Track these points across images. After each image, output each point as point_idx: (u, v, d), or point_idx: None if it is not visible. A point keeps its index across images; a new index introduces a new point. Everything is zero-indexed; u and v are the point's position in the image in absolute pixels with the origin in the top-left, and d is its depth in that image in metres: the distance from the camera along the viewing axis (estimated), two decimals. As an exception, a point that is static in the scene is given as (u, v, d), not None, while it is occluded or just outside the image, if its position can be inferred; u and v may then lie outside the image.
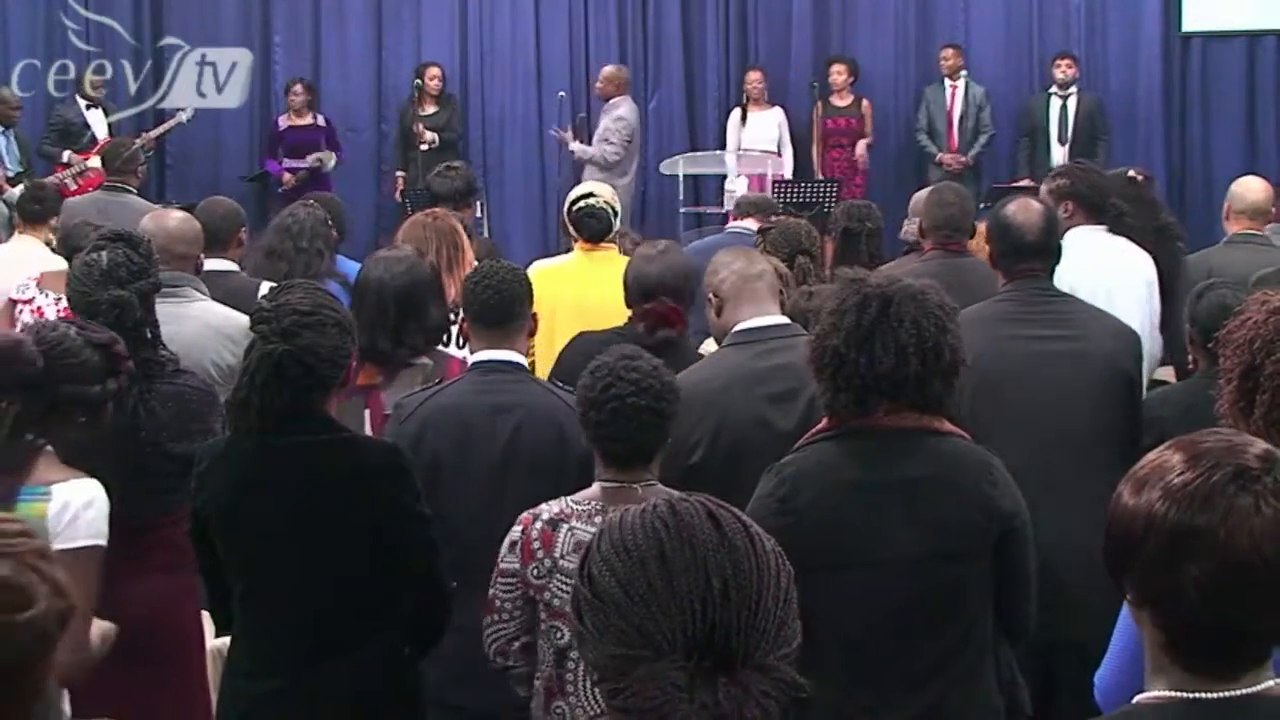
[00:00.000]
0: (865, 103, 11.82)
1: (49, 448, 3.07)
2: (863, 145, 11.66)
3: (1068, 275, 4.44)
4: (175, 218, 5.00)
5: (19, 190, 8.31)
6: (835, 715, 2.97)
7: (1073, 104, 11.47)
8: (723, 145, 11.73)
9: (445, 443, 3.74)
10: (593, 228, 5.65)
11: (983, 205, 10.06)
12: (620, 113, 10.97)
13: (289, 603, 3.17)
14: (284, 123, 11.74)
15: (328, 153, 11.58)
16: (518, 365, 3.88)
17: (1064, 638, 3.66)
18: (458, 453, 3.74)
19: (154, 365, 3.70)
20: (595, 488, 3.23)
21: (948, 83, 11.76)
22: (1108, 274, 4.31)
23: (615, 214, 5.76)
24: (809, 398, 3.62)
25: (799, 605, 1.67)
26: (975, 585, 3.05)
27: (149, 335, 3.73)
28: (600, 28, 12.63)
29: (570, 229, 5.87)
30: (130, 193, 7.87)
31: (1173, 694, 1.77)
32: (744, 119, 11.64)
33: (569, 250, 5.87)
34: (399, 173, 11.90)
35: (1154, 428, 4.03)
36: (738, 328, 3.90)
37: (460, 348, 4.54)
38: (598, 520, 3.16)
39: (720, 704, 1.54)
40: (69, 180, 10.14)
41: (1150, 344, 4.84)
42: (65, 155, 10.56)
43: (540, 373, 4.54)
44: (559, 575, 3.17)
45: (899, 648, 3.02)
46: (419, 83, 11.82)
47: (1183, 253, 6.08)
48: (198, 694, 3.70)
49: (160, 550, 3.60)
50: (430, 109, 11.82)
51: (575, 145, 11.04)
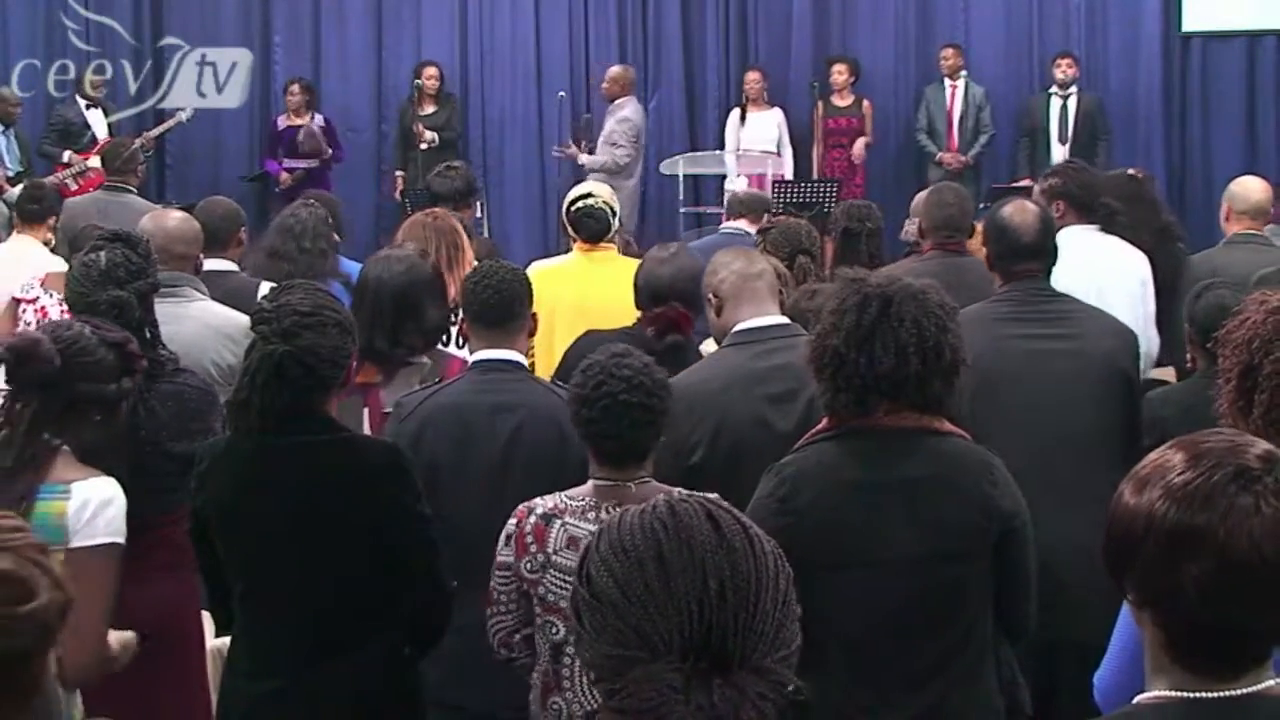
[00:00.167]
0: (866, 103, 11.81)
1: (65, 447, 3.08)
2: (861, 144, 11.64)
3: (1058, 275, 4.44)
4: (175, 218, 5.00)
5: (19, 190, 8.30)
6: (836, 715, 2.97)
7: (1073, 104, 11.45)
8: (722, 145, 11.72)
9: (445, 442, 3.74)
10: (591, 228, 5.64)
11: (982, 205, 10.05)
12: (625, 114, 10.94)
13: (289, 603, 3.17)
14: (283, 122, 11.74)
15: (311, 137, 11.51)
16: (518, 365, 3.88)
17: (1065, 637, 3.66)
18: (458, 452, 3.74)
19: (153, 365, 3.69)
20: (589, 485, 3.23)
21: (948, 83, 11.74)
22: (1098, 273, 4.32)
23: (614, 214, 5.76)
24: (809, 398, 3.61)
25: (801, 605, 1.66)
26: (975, 585, 3.05)
27: (148, 335, 3.72)
28: (600, 28, 12.62)
29: (569, 229, 5.87)
30: (130, 192, 7.87)
31: (1173, 694, 1.77)
32: (743, 119, 11.63)
33: (569, 250, 5.87)
34: (398, 172, 11.89)
35: (1155, 428, 4.03)
36: (737, 328, 3.90)
37: (460, 347, 4.53)
38: (591, 516, 3.16)
39: (715, 705, 1.54)
40: (69, 180, 10.14)
41: (1145, 343, 4.84)
42: (65, 155, 10.56)
43: (540, 373, 4.54)
44: (551, 570, 3.17)
45: (899, 648, 3.02)
46: (419, 83, 11.82)
47: (1184, 253, 6.09)
48: (198, 694, 3.70)
49: (160, 550, 3.60)
50: (429, 108, 11.81)
51: (584, 158, 10.90)
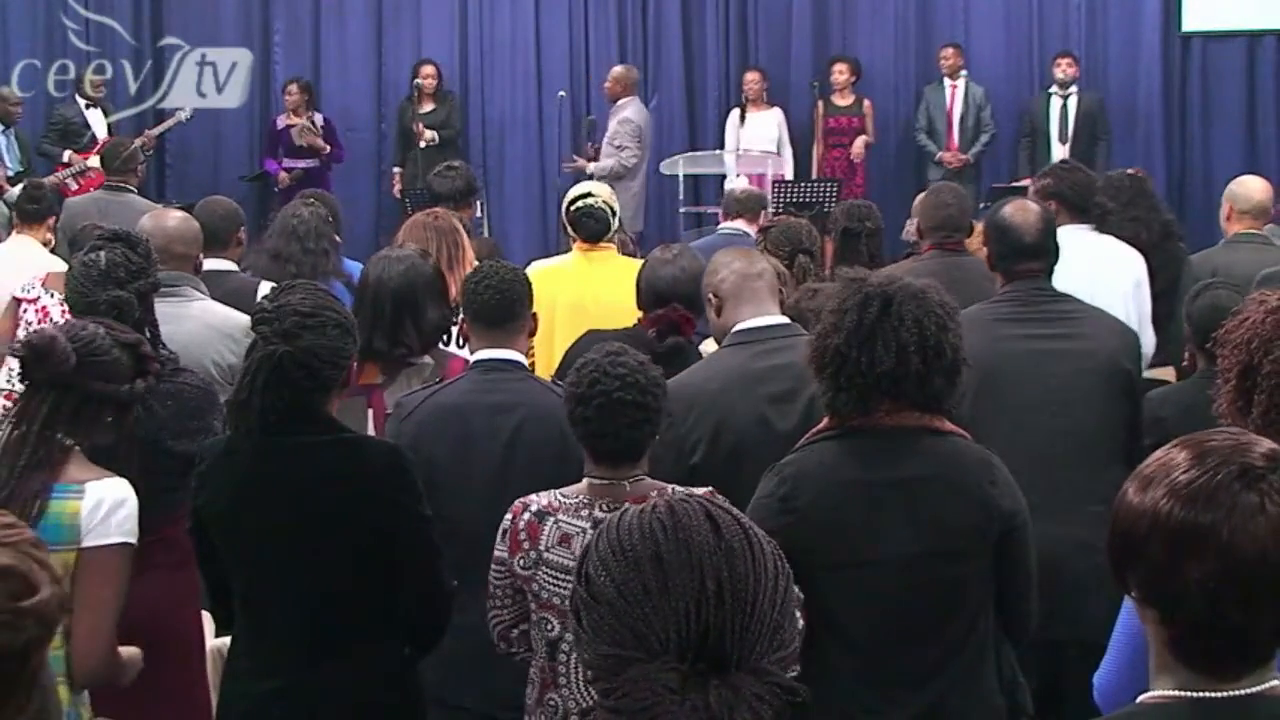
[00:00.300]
0: (867, 102, 11.81)
1: (78, 448, 3.08)
2: (860, 143, 11.63)
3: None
4: (174, 218, 4.99)
5: (18, 190, 8.30)
6: (837, 714, 2.97)
7: (1073, 103, 11.45)
8: (722, 145, 11.71)
9: (446, 441, 3.74)
10: (591, 228, 5.64)
11: (983, 205, 10.06)
12: (626, 114, 10.90)
13: (289, 603, 3.16)
14: (282, 122, 11.74)
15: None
16: (518, 364, 3.88)
17: (1069, 638, 3.66)
18: (458, 451, 3.73)
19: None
20: (583, 483, 3.23)
21: (947, 82, 11.74)
22: (1090, 273, 4.32)
23: (614, 214, 5.75)
24: (809, 398, 3.61)
25: (806, 601, 1.66)
26: (976, 584, 3.05)
27: (148, 335, 3.72)
28: (600, 28, 12.62)
29: (568, 229, 5.86)
30: (131, 192, 7.87)
31: (1177, 693, 1.77)
32: (743, 119, 11.63)
33: (570, 250, 5.86)
34: (395, 169, 11.91)
35: (1155, 428, 4.03)
36: (737, 328, 3.89)
37: (460, 347, 4.53)
38: (584, 514, 3.16)
39: (711, 706, 1.53)
40: (69, 180, 10.14)
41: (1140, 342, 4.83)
42: (65, 155, 10.56)
43: (539, 373, 4.54)
44: (544, 568, 3.17)
45: (900, 647, 3.02)
46: (418, 82, 11.82)
47: (1184, 252, 6.09)
48: (198, 694, 3.70)
49: (160, 550, 3.59)
50: (428, 107, 11.81)
51: (591, 166, 10.80)
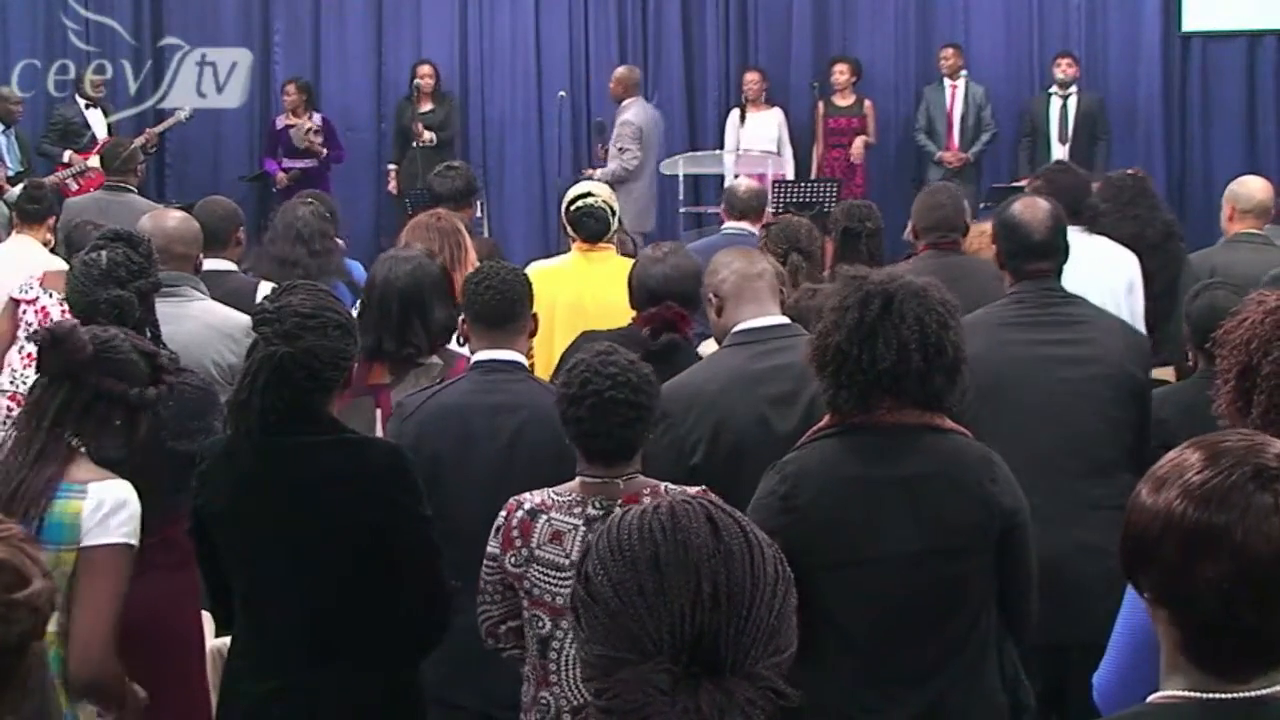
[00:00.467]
0: (867, 102, 11.81)
1: (84, 449, 3.08)
2: (859, 143, 11.61)
3: None
4: (174, 218, 5.00)
5: (18, 190, 8.30)
6: (838, 713, 2.97)
7: (1073, 104, 11.45)
8: (722, 145, 11.70)
9: (446, 441, 3.74)
10: (591, 228, 5.64)
11: (983, 205, 10.06)
12: (627, 116, 10.86)
13: (290, 603, 3.16)
14: (281, 122, 11.73)
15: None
16: (519, 365, 3.88)
17: (1074, 639, 3.65)
18: (459, 452, 3.73)
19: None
20: (576, 481, 3.23)
21: (947, 82, 11.73)
22: (1082, 274, 4.29)
23: (613, 214, 5.75)
24: (809, 398, 3.61)
25: (801, 602, 1.66)
26: (977, 582, 3.05)
27: (149, 335, 3.72)
28: (600, 28, 12.62)
29: (568, 229, 5.86)
30: (131, 192, 7.87)
31: (1186, 694, 1.76)
32: (743, 119, 11.62)
33: (570, 250, 5.86)
34: (390, 166, 11.92)
35: (1157, 429, 4.02)
36: (738, 328, 3.89)
37: (459, 347, 4.53)
38: (577, 511, 3.17)
39: (702, 709, 1.53)
40: (70, 180, 10.13)
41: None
42: (66, 155, 10.56)
43: (538, 373, 4.54)
44: (535, 565, 3.17)
45: (901, 645, 3.02)
46: (417, 82, 11.82)
47: (1185, 252, 6.09)
48: (198, 694, 3.70)
49: (160, 550, 3.59)
50: (426, 107, 11.80)
51: (598, 173, 10.69)
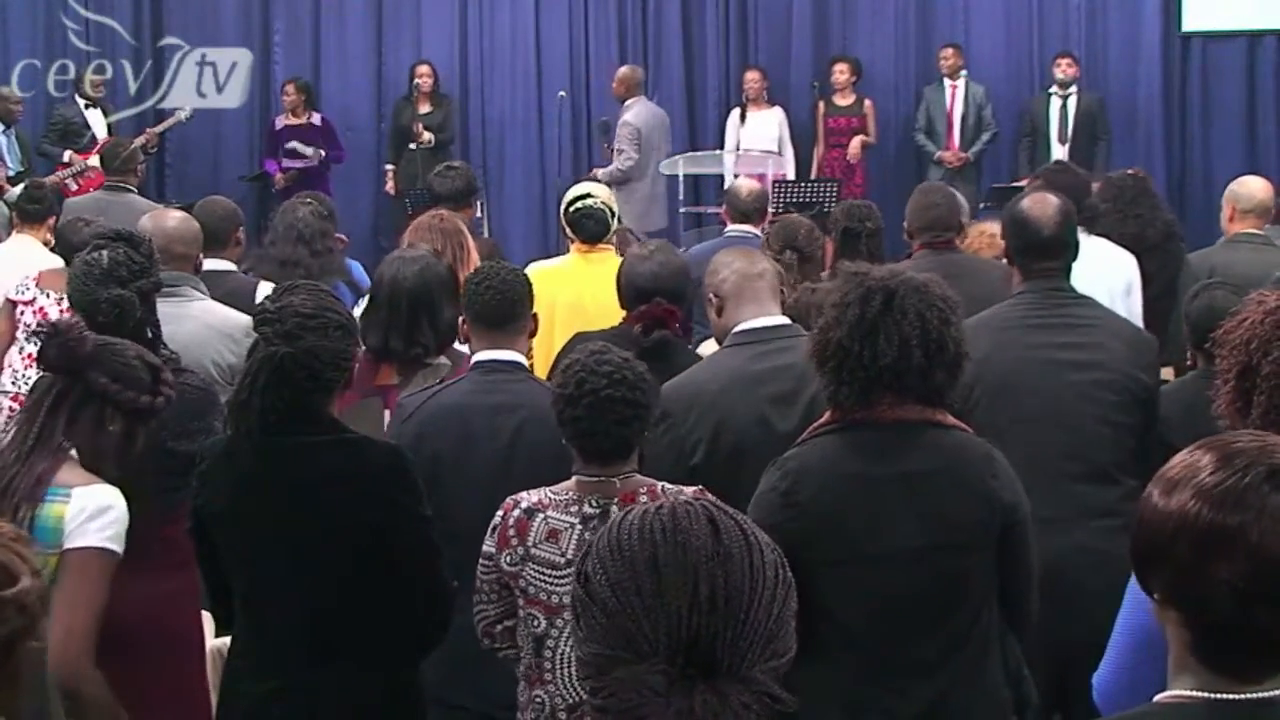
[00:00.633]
0: (868, 102, 11.80)
1: (74, 452, 3.05)
2: (857, 143, 11.58)
3: None
4: (174, 218, 5.00)
5: (19, 190, 8.29)
6: (841, 709, 2.98)
7: (1073, 104, 11.44)
8: (722, 145, 11.69)
9: (447, 441, 3.74)
10: (590, 229, 5.64)
11: (983, 205, 10.06)
12: (626, 117, 10.82)
13: (290, 603, 3.16)
14: (280, 122, 11.73)
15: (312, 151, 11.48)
16: (519, 365, 3.88)
17: (1078, 639, 3.65)
18: (459, 452, 3.74)
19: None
20: (572, 480, 3.23)
21: (947, 83, 11.72)
22: (1081, 274, 4.28)
23: (613, 214, 5.75)
24: (810, 398, 3.62)
25: (803, 599, 1.66)
26: (979, 578, 3.05)
27: (150, 335, 3.72)
28: (600, 28, 12.62)
29: (567, 230, 5.86)
30: (131, 192, 7.87)
31: (1194, 694, 1.76)
32: (743, 119, 11.61)
33: (570, 251, 5.85)
34: (388, 166, 11.91)
35: (1159, 428, 4.01)
36: (739, 328, 3.89)
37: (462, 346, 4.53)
38: (573, 510, 3.17)
39: (695, 711, 1.53)
40: (69, 180, 10.13)
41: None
42: (66, 155, 10.56)
43: (538, 374, 4.53)
44: (531, 564, 3.18)
45: (903, 641, 3.02)
46: (416, 82, 11.82)
47: (1184, 252, 6.09)
48: (198, 694, 3.69)
49: (160, 550, 3.58)
50: (425, 108, 11.80)
51: (601, 173, 10.63)
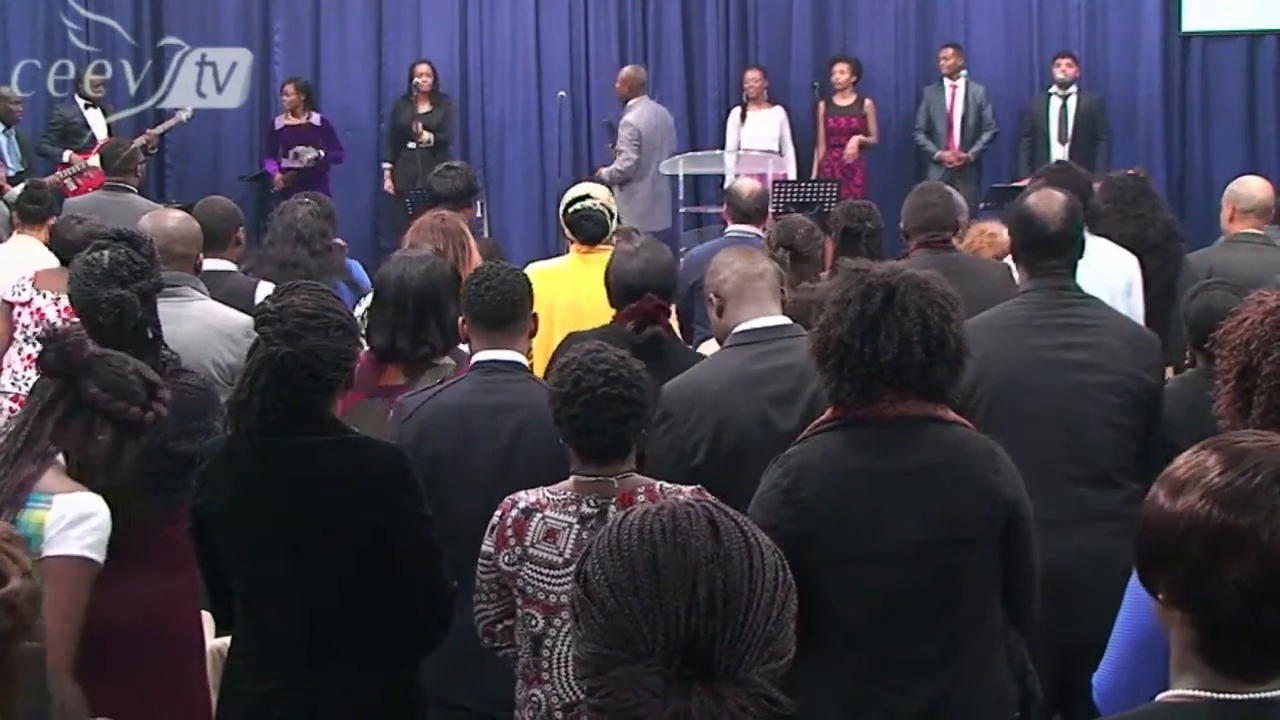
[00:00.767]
0: (868, 102, 11.80)
1: (60, 458, 3.03)
2: (855, 143, 11.56)
3: None
4: (174, 218, 5.00)
5: (19, 190, 8.29)
6: (845, 705, 2.99)
7: (1072, 104, 11.43)
8: (722, 145, 11.68)
9: (447, 441, 3.74)
10: (589, 230, 5.64)
11: (983, 205, 10.06)
12: (628, 118, 10.82)
13: (290, 603, 3.16)
14: (280, 122, 11.73)
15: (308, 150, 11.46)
16: (519, 365, 3.88)
17: (1080, 639, 3.65)
18: (459, 452, 3.74)
19: (155, 365, 3.69)
20: (570, 480, 3.23)
21: (947, 83, 11.72)
22: (1082, 274, 4.28)
23: (611, 215, 5.75)
24: (810, 398, 3.62)
25: (805, 596, 1.66)
26: (983, 573, 3.06)
27: (150, 335, 3.72)
28: (600, 28, 12.62)
29: (566, 231, 5.86)
30: (131, 192, 7.86)
31: (1197, 694, 1.76)
32: (744, 118, 11.61)
33: (569, 251, 5.85)
34: (385, 165, 11.92)
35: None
36: (739, 328, 3.89)
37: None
38: (571, 509, 3.17)
39: (691, 713, 1.53)
40: (68, 180, 10.12)
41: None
42: (65, 155, 10.55)
43: (537, 374, 4.54)
44: (529, 563, 3.18)
45: (907, 636, 3.02)
46: (416, 81, 11.82)
47: (1184, 252, 6.09)
48: (198, 694, 3.69)
49: (160, 550, 3.59)
50: (424, 107, 11.80)
51: (604, 172, 10.67)
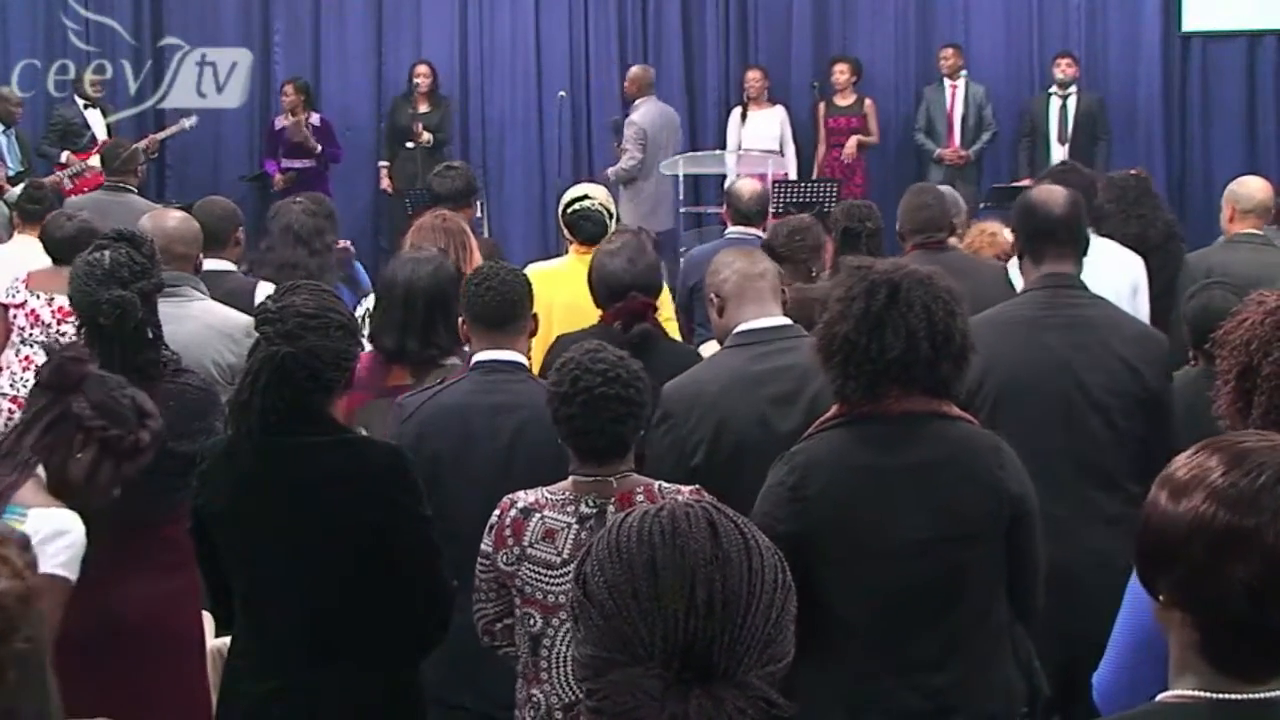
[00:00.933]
0: (868, 102, 11.79)
1: (41, 471, 3.00)
2: (853, 143, 11.54)
3: None
4: (174, 218, 5.00)
5: (19, 190, 8.29)
6: (846, 704, 2.99)
7: (1072, 104, 11.43)
8: (723, 145, 11.67)
9: (447, 441, 3.74)
10: (588, 230, 5.64)
11: (983, 205, 10.07)
12: (633, 118, 10.82)
13: (290, 603, 3.16)
14: (279, 123, 11.72)
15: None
16: (519, 365, 3.88)
17: (1085, 638, 3.65)
18: (460, 451, 3.73)
19: (155, 366, 3.69)
20: (568, 480, 3.23)
21: (947, 83, 11.72)
22: (1088, 275, 4.28)
23: (610, 215, 5.75)
24: (811, 399, 3.62)
25: (810, 592, 1.66)
26: (988, 568, 3.06)
27: (151, 335, 3.72)
28: (600, 28, 12.62)
29: (565, 231, 5.86)
30: (131, 192, 7.86)
31: (1197, 694, 1.76)
32: (744, 118, 11.60)
33: (569, 251, 5.85)
34: (382, 165, 11.92)
35: None
36: (739, 329, 3.89)
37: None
38: (570, 509, 3.17)
39: (689, 716, 1.53)
40: (66, 181, 10.12)
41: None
42: (63, 155, 10.55)
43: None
44: (527, 563, 3.18)
45: (914, 632, 3.03)
46: (415, 81, 11.82)
47: (1184, 253, 6.10)
48: (198, 694, 3.69)
49: (160, 550, 3.60)
50: (423, 107, 11.79)
51: (610, 172, 10.66)
